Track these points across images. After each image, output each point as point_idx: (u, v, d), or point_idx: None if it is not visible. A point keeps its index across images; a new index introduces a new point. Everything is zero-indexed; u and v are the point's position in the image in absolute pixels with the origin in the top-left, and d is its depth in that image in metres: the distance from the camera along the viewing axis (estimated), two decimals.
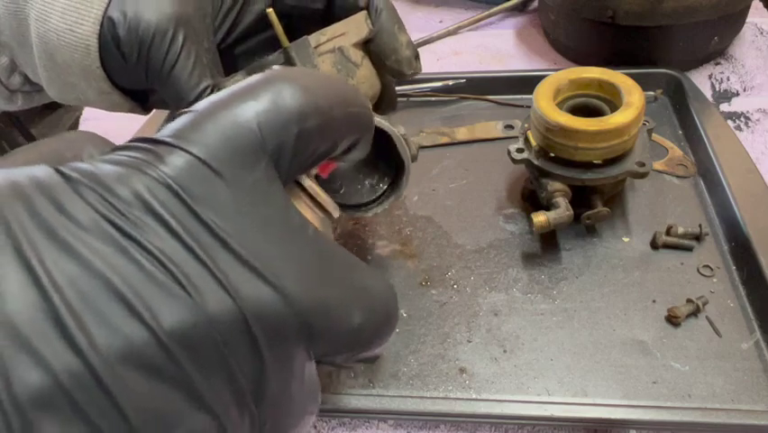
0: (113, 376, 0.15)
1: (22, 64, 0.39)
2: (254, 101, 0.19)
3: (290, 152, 0.19)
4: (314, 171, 0.25)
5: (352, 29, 0.39)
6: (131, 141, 0.19)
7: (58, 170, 0.17)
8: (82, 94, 0.38)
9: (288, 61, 0.36)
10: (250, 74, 0.36)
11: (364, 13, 0.40)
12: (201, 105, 0.19)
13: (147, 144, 0.18)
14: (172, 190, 0.17)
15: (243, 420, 0.17)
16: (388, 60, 0.40)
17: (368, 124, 0.23)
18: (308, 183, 0.22)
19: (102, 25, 0.34)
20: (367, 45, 0.41)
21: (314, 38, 0.37)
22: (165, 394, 0.15)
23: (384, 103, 0.44)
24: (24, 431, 0.14)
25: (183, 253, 0.16)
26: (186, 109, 0.19)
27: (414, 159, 0.42)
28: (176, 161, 0.17)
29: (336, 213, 0.24)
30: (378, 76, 0.42)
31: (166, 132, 0.18)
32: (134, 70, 0.35)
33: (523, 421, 0.39)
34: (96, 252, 0.16)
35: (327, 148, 0.21)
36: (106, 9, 0.34)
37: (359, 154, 0.23)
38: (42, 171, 0.17)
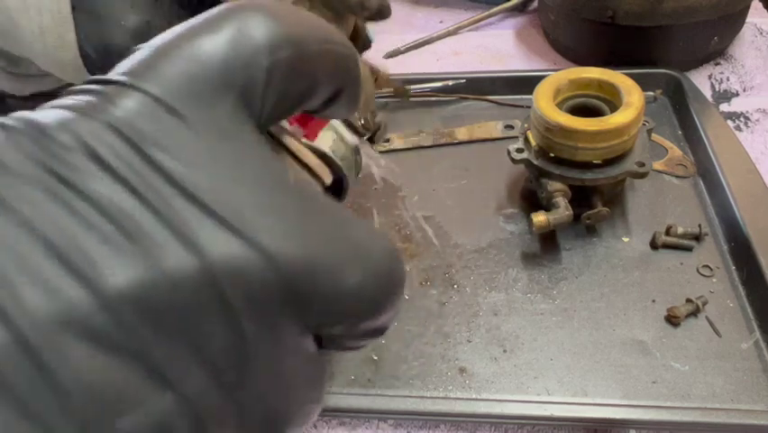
0: (48, 346, 0.12)
1: None
2: (218, 32, 0.16)
3: (261, 88, 0.16)
4: (301, 134, 0.23)
5: None
6: (84, 82, 0.16)
7: None
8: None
9: None
10: None
11: None
12: (158, 39, 0.17)
13: (97, 86, 0.16)
14: (120, 133, 0.15)
15: (224, 404, 0.15)
16: None
17: (352, 69, 0.19)
18: (292, 142, 0.20)
19: None
20: None
21: None
22: (117, 369, 0.13)
23: (357, 46, 0.43)
24: None
25: (134, 201, 0.14)
26: (141, 45, 0.17)
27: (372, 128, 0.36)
28: (127, 103, 0.15)
29: (328, 178, 0.22)
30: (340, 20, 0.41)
31: (119, 69, 0.16)
32: None
33: (523, 421, 0.40)
34: (26, 199, 0.13)
35: (304, 88, 0.18)
36: None
37: (344, 110, 0.20)
38: None
